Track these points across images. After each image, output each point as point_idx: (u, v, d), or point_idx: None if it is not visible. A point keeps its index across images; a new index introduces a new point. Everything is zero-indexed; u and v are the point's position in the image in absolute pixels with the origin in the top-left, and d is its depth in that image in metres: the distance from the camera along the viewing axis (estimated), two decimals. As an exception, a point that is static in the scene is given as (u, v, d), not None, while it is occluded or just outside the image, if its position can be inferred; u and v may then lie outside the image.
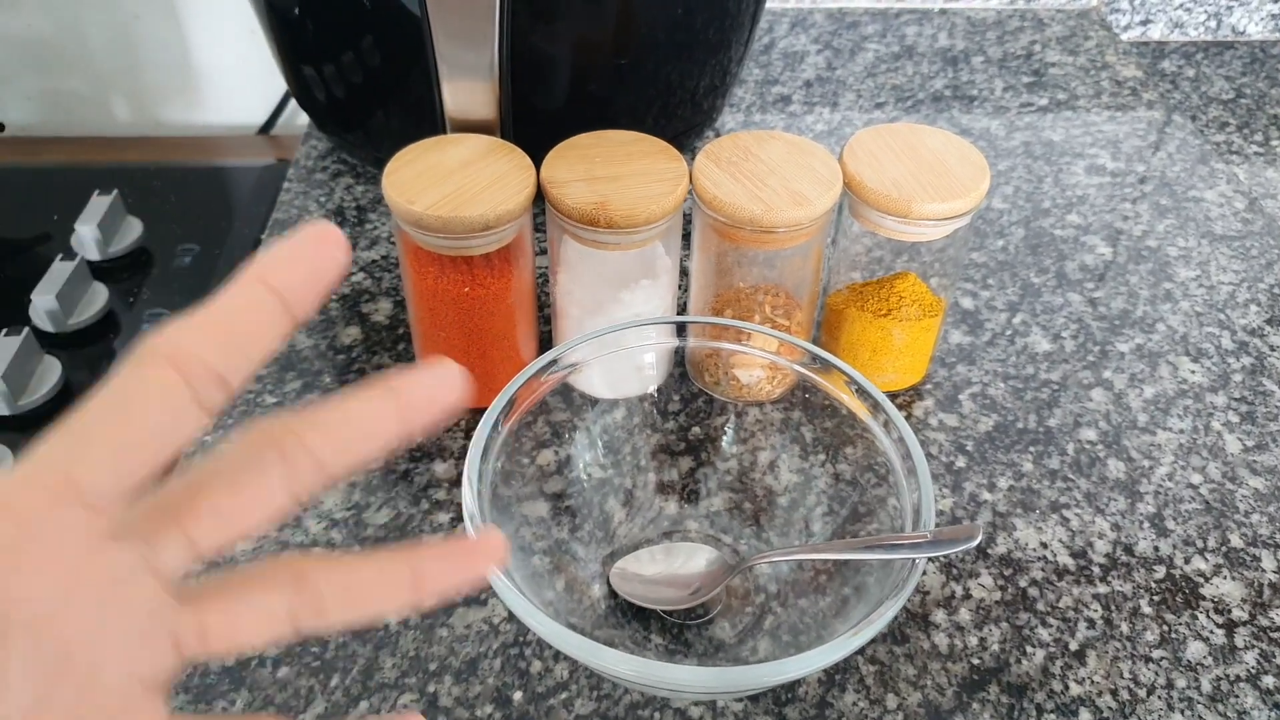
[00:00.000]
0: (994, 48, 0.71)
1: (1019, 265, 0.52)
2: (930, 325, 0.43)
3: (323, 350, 0.46)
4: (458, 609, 0.36)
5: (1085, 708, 0.34)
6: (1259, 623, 0.36)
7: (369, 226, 0.54)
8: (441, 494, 0.40)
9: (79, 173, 0.63)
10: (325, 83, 0.51)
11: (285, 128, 0.71)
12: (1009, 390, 0.45)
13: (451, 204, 0.35)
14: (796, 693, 0.34)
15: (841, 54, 0.70)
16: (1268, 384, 0.46)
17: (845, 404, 0.35)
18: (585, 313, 0.41)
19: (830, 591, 0.34)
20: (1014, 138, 0.62)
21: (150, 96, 0.70)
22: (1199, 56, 0.77)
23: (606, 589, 0.36)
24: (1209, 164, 0.60)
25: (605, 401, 0.39)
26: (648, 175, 0.38)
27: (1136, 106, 0.65)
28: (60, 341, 0.50)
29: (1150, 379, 0.46)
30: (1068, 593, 0.37)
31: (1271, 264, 0.53)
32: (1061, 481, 0.41)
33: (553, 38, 0.46)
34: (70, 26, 0.67)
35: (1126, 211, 0.56)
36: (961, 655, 0.35)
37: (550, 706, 0.33)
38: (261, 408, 0.43)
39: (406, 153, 0.38)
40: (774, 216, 0.37)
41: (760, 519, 0.38)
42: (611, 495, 0.39)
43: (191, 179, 0.63)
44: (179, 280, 0.54)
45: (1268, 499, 0.41)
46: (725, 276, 0.42)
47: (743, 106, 0.64)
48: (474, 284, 0.38)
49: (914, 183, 0.38)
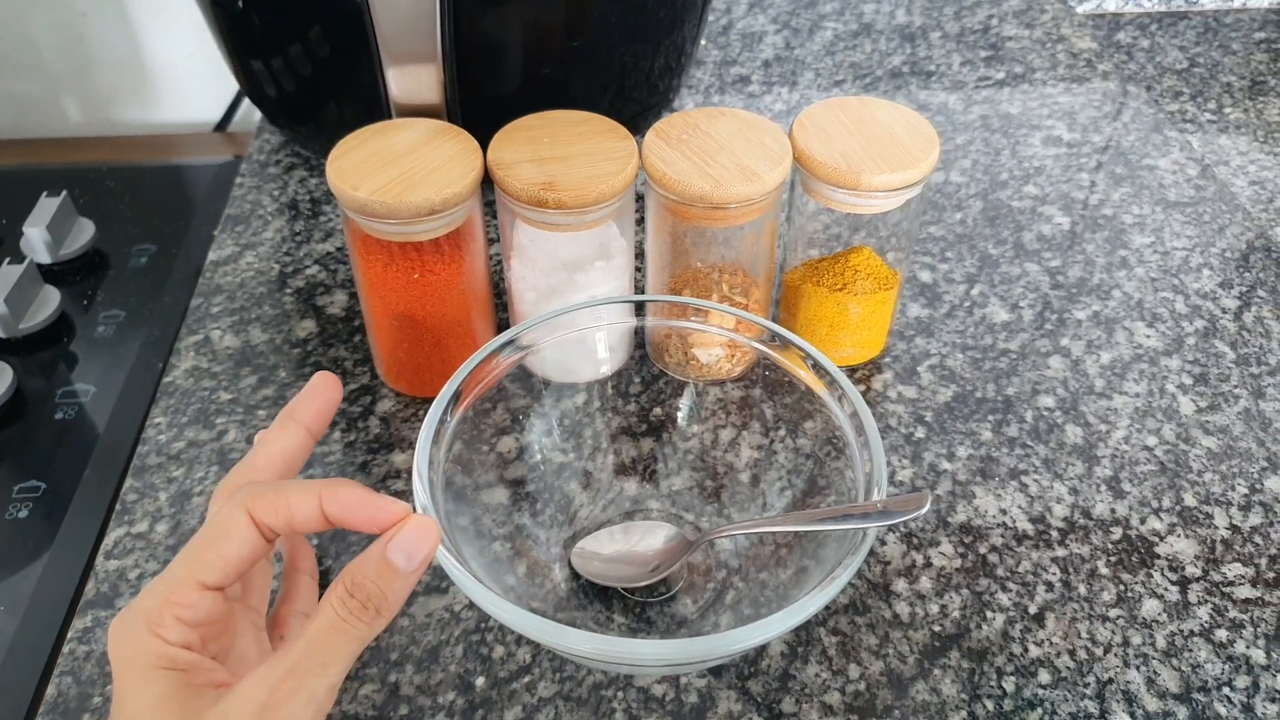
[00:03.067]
0: (951, 23, 0.71)
1: (977, 237, 0.52)
2: (886, 299, 0.43)
3: (278, 345, 0.46)
4: (418, 598, 0.36)
5: (1044, 668, 0.34)
6: (1211, 578, 0.37)
7: (323, 219, 0.53)
8: (400, 484, 0.40)
9: (27, 174, 0.62)
10: (273, 75, 0.50)
11: (242, 124, 0.70)
12: (967, 360, 0.45)
13: (397, 189, 0.35)
14: (759, 665, 0.34)
15: (800, 33, 0.70)
16: (1219, 345, 0.47)
17: (803, 380, 0.35)
18: (540, 297, 0.41)
19: (789, 564, 0.34)
20: (971, 111, 0.62)
21: (102, 96, 0.69)
22: (1153, 27, 0.78)
23: (568, 572, 0.36)
24: (1163, 133, 0.60)
25: (565, 385, 0.38)
26: (596, 154, 0.38)
27: (1092, 78, 0.65)
28: (11, 346, 0.49)
29: (1107, 345, 0.46)
30: (1027, 557, 0.37)
31: (1224, 229, 0.53)
32: (1020, 449, 0.41)
33: (500, 20, 0.45)
34: (16, 27, 0.65)
35: (1083, 181, 0.57)
36: (923, 623, 0.35)
37: (513, 690, 0.33)
38: (217, 404, 0.43)
39: (351, 139, 0.38)
40: (724, 192, 0.37)
41: (721, 495, 0.38)
42: (573, 478, 0.38)
43: (146, 178, 0.62)
44: (134, 281, 0.53)
45: (1220, 458, 0.41)
46: (681, 257, 0.42)
47: (701, 88, 0.64)
48: (424, 270, 0.38)
49: (863, 155, 0.38)
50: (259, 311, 0.48)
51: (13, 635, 0.37)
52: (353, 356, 0.45)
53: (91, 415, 0.46)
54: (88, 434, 0.45)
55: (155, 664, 0.24)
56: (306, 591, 0.32)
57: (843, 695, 0.33)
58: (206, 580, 0.25)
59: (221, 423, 0.42)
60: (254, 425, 0.42)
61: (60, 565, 0.39)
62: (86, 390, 0.47)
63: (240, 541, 0.26)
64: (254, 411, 0.43)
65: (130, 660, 0.25)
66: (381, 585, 0.25)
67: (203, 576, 0.25)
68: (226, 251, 0.51)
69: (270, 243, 0.52)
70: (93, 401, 0.46)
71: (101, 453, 0.44)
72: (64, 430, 0.45)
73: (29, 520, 0.41)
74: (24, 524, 0.41)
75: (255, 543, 0.26)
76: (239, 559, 0.26)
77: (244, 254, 0.51)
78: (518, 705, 0.33)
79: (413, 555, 0.25)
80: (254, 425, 0.42)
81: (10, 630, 0.37)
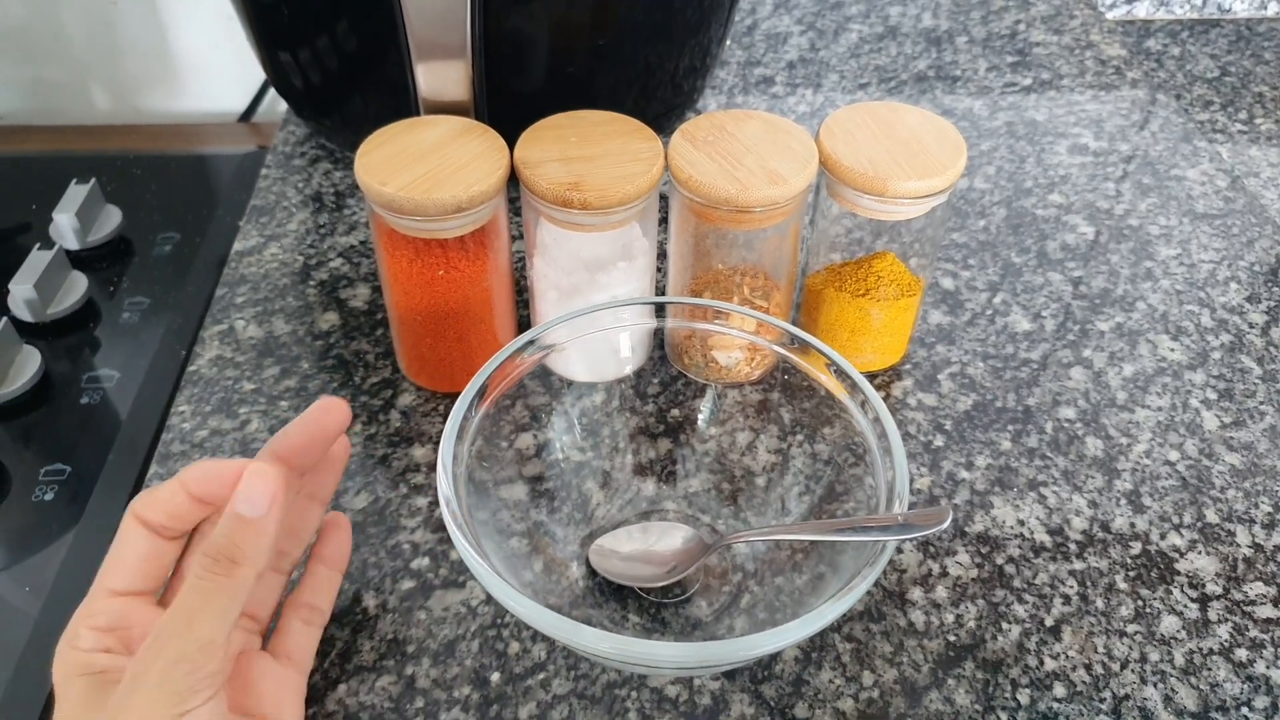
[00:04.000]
0: (978, 28, 0.71)
1: (1000, 245, 0.52)
2: (909, 305, 0.43)
3: (300, 336, 0.46)
4: (435, 591, 0.36)
5: (1059, 682, 0.34)
6: (1232, 597, 0.36)
7: (347, 212, 0.54)
8: (420, 478, 0.40)
9: (57, 161, 0.63)
10: (301, 68, 0.50)
11: (266, 115, 0.71)
12: (988, 370, 0.45)
13: (424, 186, 0.35)
14: (773, 670, 0.34)
15: (825, 35, 0.69)
16: (1246, 361, 0.46)
17: (823, 384, 0.35)
18: (562, 296, 0.41)
19: (806, 569, 0.34)
20: (997, 118, 0.61)
21: (130, 85, 0.70)
22: (1184, 35, 0.77)
23: (585, 570, 0.36)
24: (1192, 143, 0.60)
25: (584, 384, 0.39)
26: (622, 155, 0.38)
27: (1120, 86, 0.65)
28: (39, 331, 0.49)
29: (1130, 357, 0.46)
30: (1044, 569, 0.37)
31: (1252, 242, 0.53)
32: (1040, 460, 0.41)
33: (529, 18, 0.45)
34: (47, 14, 0.66)
35: (1109, 191, 0.56)
36: (938, 632, 0.35)
37: (528, 687, 0.33)
38: (240, 394, 0.43)
39: (379, 135, 0.38)
40: (750, 195, 0.37)
41: (738, 499, 0.38)
42: (590, 477, 0.39)
43: (172, 167, 0.63)
44: (158, 268, 0.54)
45: (1243, 475, 0.41)
46: (703, 259, 0.42)
47: (725, 88, 0.64)
48: (449, 267, 0.38)
49: (890, 161, 0.38)
50: (283, 303, 0.48)
51: (37, 615, 0.37)
52: (374, 350, 0.45)
53: (115, 401, 0.46)
54: (112, 419, 0.45)
55: (73, 672, 0.26)
56: (316, 581, 0.32)
57: (856, 702, 0.33)
58: (112, 586, 0.28)
59: (244, 412, 0.42)
60: (276, 416, 0.42)
61: (84, 547, 0.40)
62: (111, 376, 0.47)
63: (132, 544, 0.28)
64: (276, 402, 0.43)
65: (57, 676, 0.27)
66: (233, 537, 0.26)
67: (107, 583, 0.28)
68: (251, 242, 0.52)
69: (294, 235, 0.52)
70: (117, 387, 0.47)
71: (125, 438, 0.44)
72: (89, 415, 0.45)
73: (55, 503, 0.41)
74: (50, 506, 0.41)
75: (149, 541, 0.28)
76: (136, 559, 0.28)
77: (268, 245, 0.52)
78: (532, 701, 0.33)
79: (255, 501, 0.26)
80: (276, 416, 0.42)
81: (35, 610, 0.37)
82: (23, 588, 0.38)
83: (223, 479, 0.27)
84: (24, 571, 0.39)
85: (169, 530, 0.28)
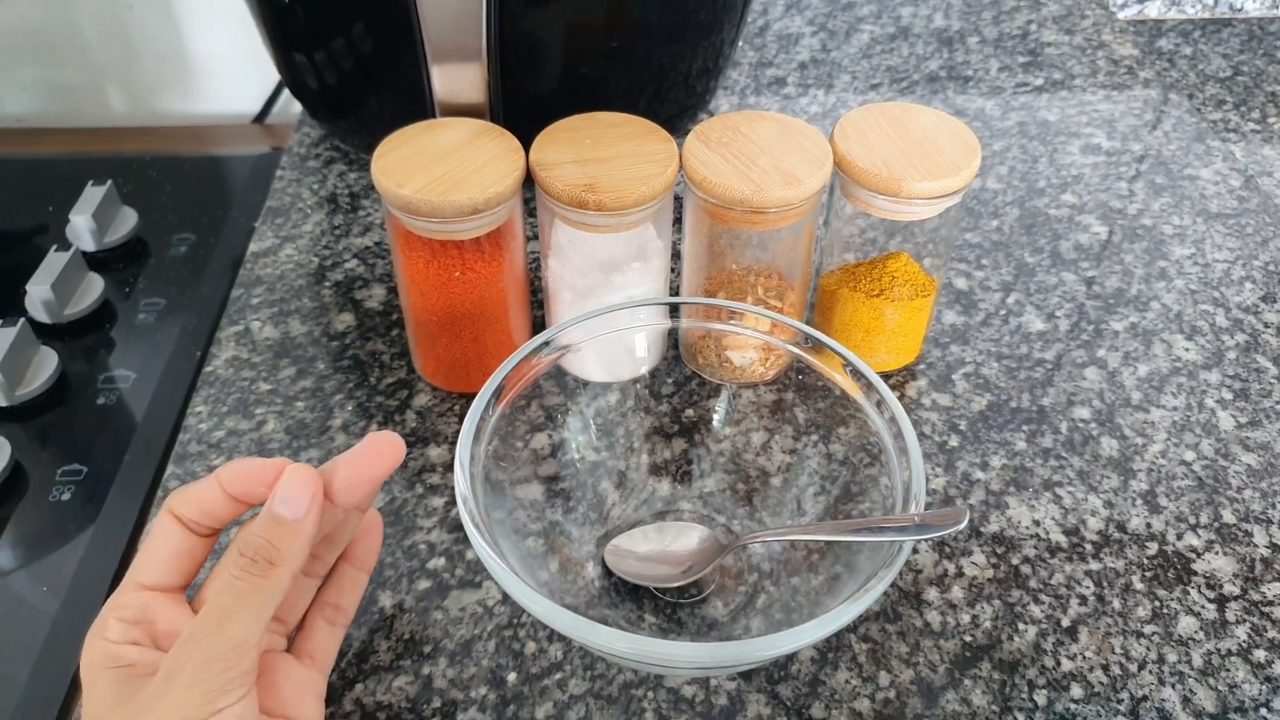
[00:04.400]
0: (990, 28, 0.71)
1: (1013, 245, 0.52)
2: (923, 305, 0.43)
3: (316, 337, 0.46)
4: (452, 591, 0.36)
5: (1076, 683, 0.34)
6: (1250, 597, 0.36)
7: (362, 213, 0.54)
8: (436, 478, 0.40)
9: (73, 163, 0.63)
10: (316, 69, 0.51)
11: (280, 116, 0.71)
12: (1002, 370, 0.45)
13: (441, 188, 0.35)
14: (789, 670, 0.34)
15: (836, 35, 0.69)
16: (1261, 360, 0.46)
17: (838, 384, 0.35)
18: (577, 296, 0.41)
19: (822, 570, 0.34)
20: (1009, 118, 0.61)
21: (145, 86, 0.70)
22: (1196, 34, 0.77)
23: (600, 570, 0.36)
24: (1205, 142, 0.60)
25: (599, 385, 0.39)
26: (637, 156, 0.38)
27: (1133, 85, 0.64)
28: (56, 332, 0.50)
29: (1144, 357, 0.46)
30: (1060, 570, 0.37)
31: (1267, 241, 0.53)
32: (1055, 460, 0.41)
33: (544, 20, 0.45)
34: (64, 16, 0.67)
35: (1121, 190, 0.56)
36: (954, 633, 0.35)
37: (544, 687, 0.33)
38: (256, 394, 0.44)
39: (396, 137, 0.38)
40: (764, 196, 0.37)
41: (753, 499, 0.38)
42: (605, 477, 0.39)
43: (187, 168, 0.63)
44: (174, 269, 0.54)
45: (1260, 475, 0.41)
46: (718, 259, 0.42)
47: (737, 89, 0.64)
48: (465, 268, 0.38)
49: (904, 161, 0.38)
50: (298, 304, 0.48)
51: (55, 614, 0.37)
52: (390, 350, 0.46)
53: (131, 401, 0.46)
54: (128, 419, 0.46)
55: (102, 664, 0.26)
56: (342, 581, 0.32)
57: (872, 702, 0.33)
58: (142, 580, 0.28)
59: (261, 413, 0.43)
60: (292, 416, 0.42)
61: (101, 547, 0.40)
62: (127, 376, 0.48)
63: (164, 540, 0.28)
64: (292, 403, 0.43)
65: (85, 666, 0.27)
66: (270, 538, 0.26)
67: (138, 577, 0.28)
68: (267, 243, 0.52)
69: (310, 236, 0.52)
70: (132, 388, 0.47)
71: (141, 438, 0.44)
72: (105, 415, 0.46)
73: (71, 503, 0.42)
74: (67, 506, 0.41)
75: (181, 537, 0.28)
76: (167, 554, 0.28)
77: (284, 246, 0.52)
78: (549, 701, 0.33)
79: (294, 502, 0.26)
80: (292, 416, 0.42)
81: (53, 609, 0.38)
82: (40, 587, 0.39)
83: (260, 478, 0.27)
84: (41, 571, 0.39)
85: (202, 527, 0.28)
